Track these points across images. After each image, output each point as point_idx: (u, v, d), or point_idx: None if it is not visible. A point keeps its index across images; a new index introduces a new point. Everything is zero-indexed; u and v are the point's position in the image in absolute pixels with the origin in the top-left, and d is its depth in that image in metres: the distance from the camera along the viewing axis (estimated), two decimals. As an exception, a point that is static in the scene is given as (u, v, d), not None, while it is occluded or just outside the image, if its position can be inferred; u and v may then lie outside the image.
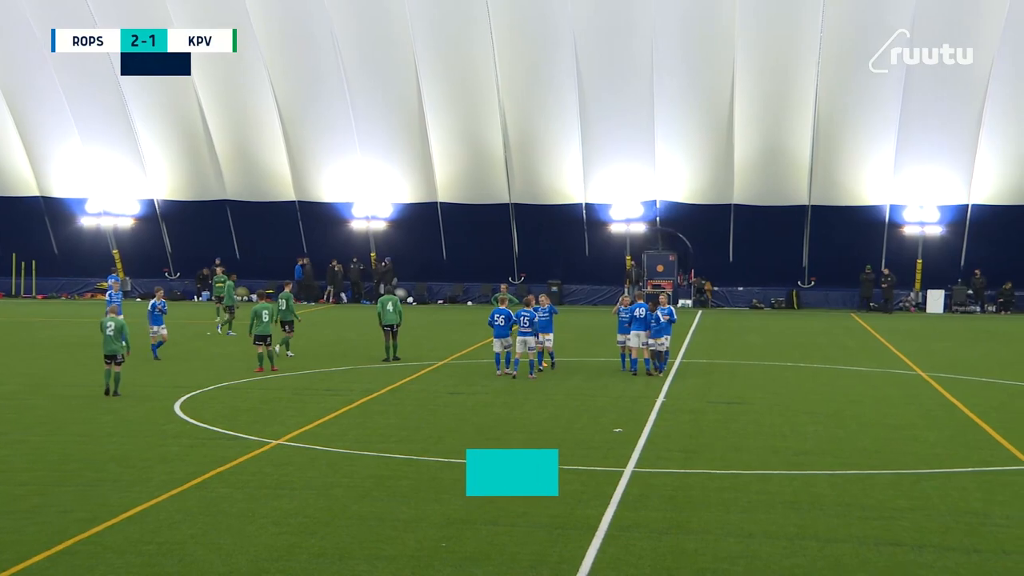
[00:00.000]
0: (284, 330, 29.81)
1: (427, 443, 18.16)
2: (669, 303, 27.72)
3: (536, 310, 26.53)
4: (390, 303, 29.20)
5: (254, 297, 50.06)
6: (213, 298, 36.45)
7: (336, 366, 28.06)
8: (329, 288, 50.87)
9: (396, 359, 28.86)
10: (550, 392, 23.92)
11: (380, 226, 51.12)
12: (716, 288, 49.85)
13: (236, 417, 20.57)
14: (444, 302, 50.93)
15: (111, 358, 23.05)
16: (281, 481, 15.50)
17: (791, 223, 47.92)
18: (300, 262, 50.80)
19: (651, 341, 26.55)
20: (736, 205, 48.00)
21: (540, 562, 12.11)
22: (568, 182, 48.64)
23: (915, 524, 13.57)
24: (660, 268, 50.11)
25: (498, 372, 26.25)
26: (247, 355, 28.32)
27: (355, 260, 50.89)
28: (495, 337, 26.35)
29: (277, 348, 28.72)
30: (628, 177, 48.12)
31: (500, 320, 26.22)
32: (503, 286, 35.49)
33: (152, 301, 29.97)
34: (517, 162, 48.58)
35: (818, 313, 47.29)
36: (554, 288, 49.07)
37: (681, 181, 48.11)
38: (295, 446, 17.90)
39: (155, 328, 29.41)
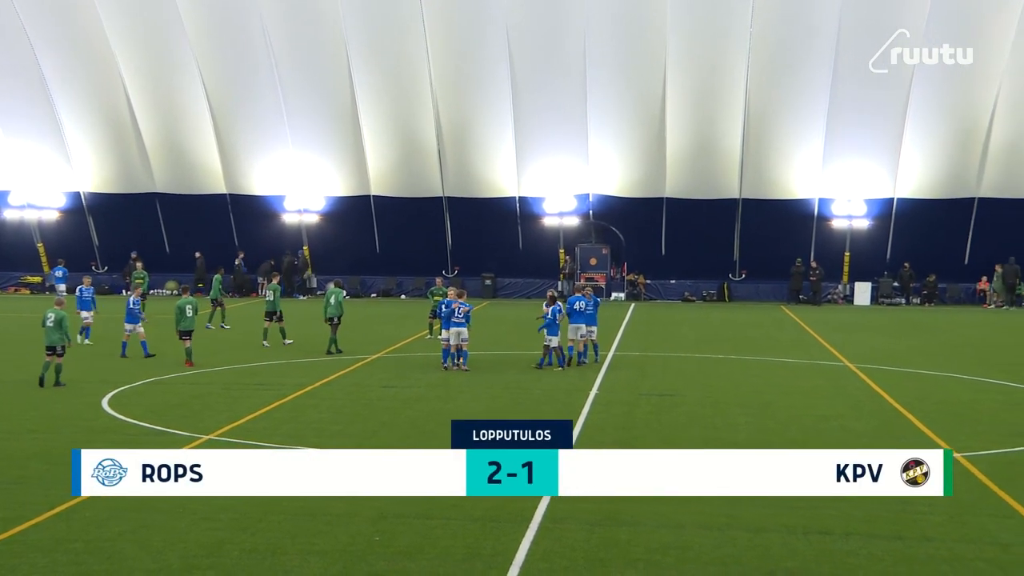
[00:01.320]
0: (268, 320, 30.70)
1: (360, 437, 18.07)
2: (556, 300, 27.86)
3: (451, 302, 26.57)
4: (332, 296, 29.40)
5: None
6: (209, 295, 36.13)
7: (268, 360, 27.81)
8: (261, 281, 50.38)
9: (338, 352, 28.84)
10: (484, 385, 23.93)
11: (312, 219, 50.75)
12: (649, 281, 50.18)
13: (165, 412, 20.31)
14: (377, 296, 50.72)
15: (51, 349, 22.90)
16: (212, 477, 15.33)
17: (722, 217, 48.38)
18: (240, 256, 50.30)
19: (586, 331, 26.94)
20: (668, 199, 48.35)
21: (474, 555, 12.12)
22: (501, 175, 48.66)
23: (842, 513, 13.78)
24: (593, 261, 50.34)
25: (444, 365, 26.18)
26: (177, 350, 27.98)
27: (288, 254, 50.49)
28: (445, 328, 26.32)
29: (268, 341, 29.67)
30: (561, 170, 48.25)
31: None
32: (438, 279, 35.42)
33: (79, 287, 30.62)
34: (450, 155, 48.47)
35: (749, 306, 47.81)
36: (488, 281, 49.11)
37: (614, 175, 48.35)
38: (226, 441, 17.72)
39: (85, 313, 30.14)
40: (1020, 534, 13.17)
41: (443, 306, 26.46)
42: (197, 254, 49.77)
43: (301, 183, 49.75)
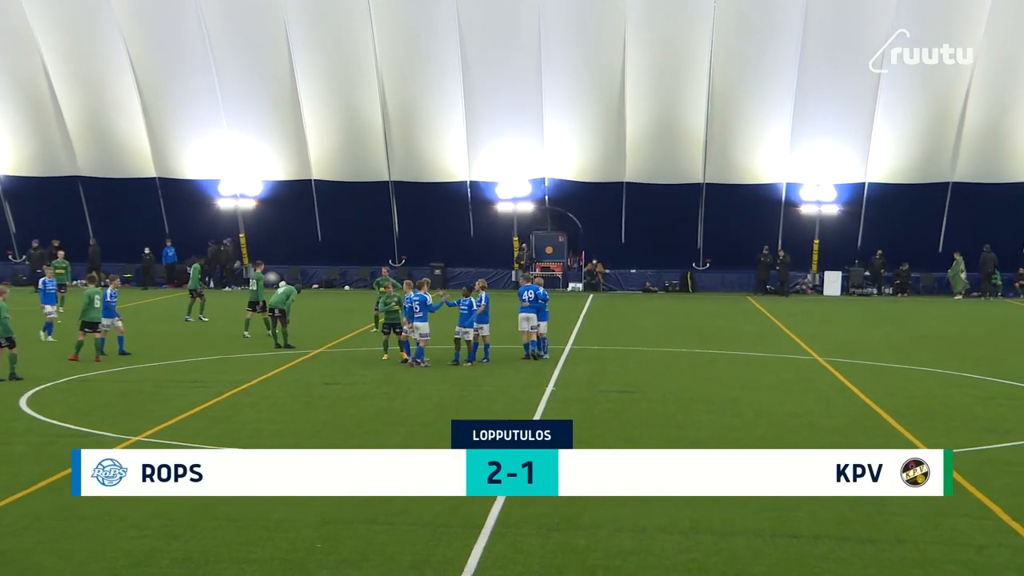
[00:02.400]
0: (251, 310, 31.26)
1: (301, 438, 17.98)
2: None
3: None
4: (282, 284, 29.92)
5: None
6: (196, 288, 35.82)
7: (202, 356, 27.61)
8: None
9: (288, 346, 28.73)
10: (433, 381, 23.89)
11: (249, 205, 50.42)
12: (608, 271, 50.32)
13: (90, 412, 20.10)
14: (319, 286, 50.49)
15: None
16: (141, 481, 15.18)
17: (685, 202, 48.59)
18: (167, 244, 49.87)
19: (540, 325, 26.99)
20: (628, 183, 48.49)
21: (422, 562, 12.09)
22: (451, 159, 48.57)
23: (811, 515, 13.89)
24: (549, 250, 50.41)
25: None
26: (108, 345, 27.62)
27: (225, 242, 50.10)
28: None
29: (248, 332, 30.15)
30: (515, 154, 48.23)
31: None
32: (384, 269, 35.26)
33: (42, 279, 30.43)
34: (397, 137, 48.31)
35: (714, 296, 48.08)
36: (437, 271, 49.03)
37: (571, 158, 48.41)
38: (156, 443, 17.56)
39: (48, 308, 30.06)
40: (996, 535, 13.34)
41: (407, 301, 26.31)
42: (91, 241, 49.26)
43: (237, 166, 49.38)
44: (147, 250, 49.17)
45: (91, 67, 47.62)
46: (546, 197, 49.63)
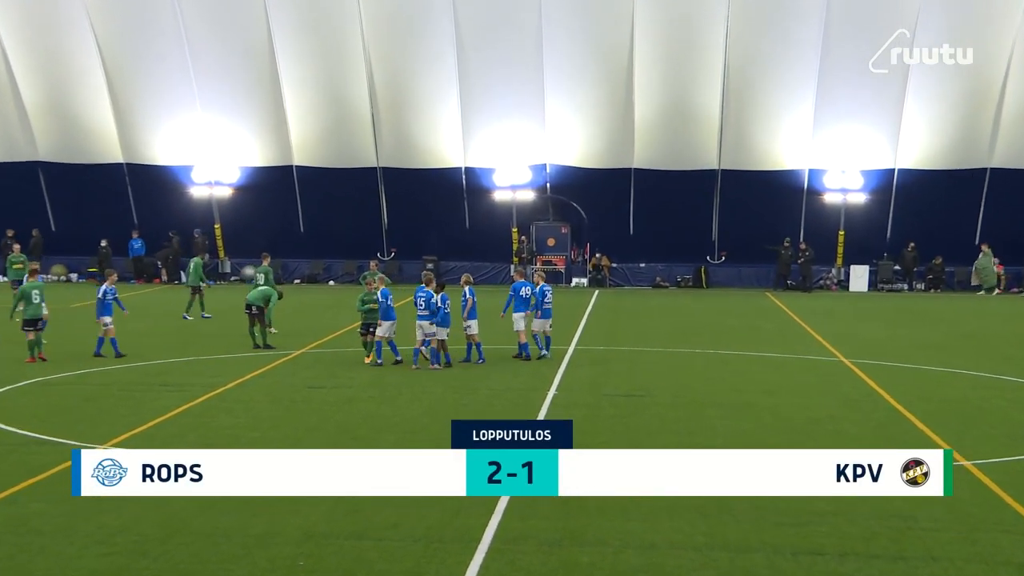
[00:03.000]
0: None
1: (282, 445, 17.96)
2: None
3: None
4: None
5: (75, 276, 48.82)
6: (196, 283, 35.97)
7: (175, 357, 27.60)
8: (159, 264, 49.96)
9: (268, 347, 28.77)
10: (426, 385, 23.88)
11: (225, 193, 50.42)
12: (615, 264, 50.32)
13: (53, 418, 20.09)
14: (301, 281, 50.49)
15: None
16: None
17: (699, 190, 48.58)
18: (134, 235, 49.86)
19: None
20: (636, 169, 48.46)
21: (413, 581, 12.10)
22: (445, 143, 48.55)
23: (836, 530, 13.88)
24: (551, 242, 50.41)
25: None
26: (72, 342, 27.64)
27: (197, 233, 50.09)
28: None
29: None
30: (514, 138, 48.22)
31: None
32: (372, 263, 35.30)
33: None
34: (386, 120, 48.28)
35: (729, 292, 48.06)
36: (430, 265, 49.01)
37: (574, 142, 48.39)
38: (124, 451, 17.52)
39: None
40: (1036, 551, 13.34)
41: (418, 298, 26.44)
42: (34, 231, 49.26)
43: (211, 151, 49.36)
44: (104, 242, 49.09)
45: (52, 43, 47.57)
46: (547, 185, 49.61)
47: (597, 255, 50.13)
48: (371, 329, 26.95)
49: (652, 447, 17.95)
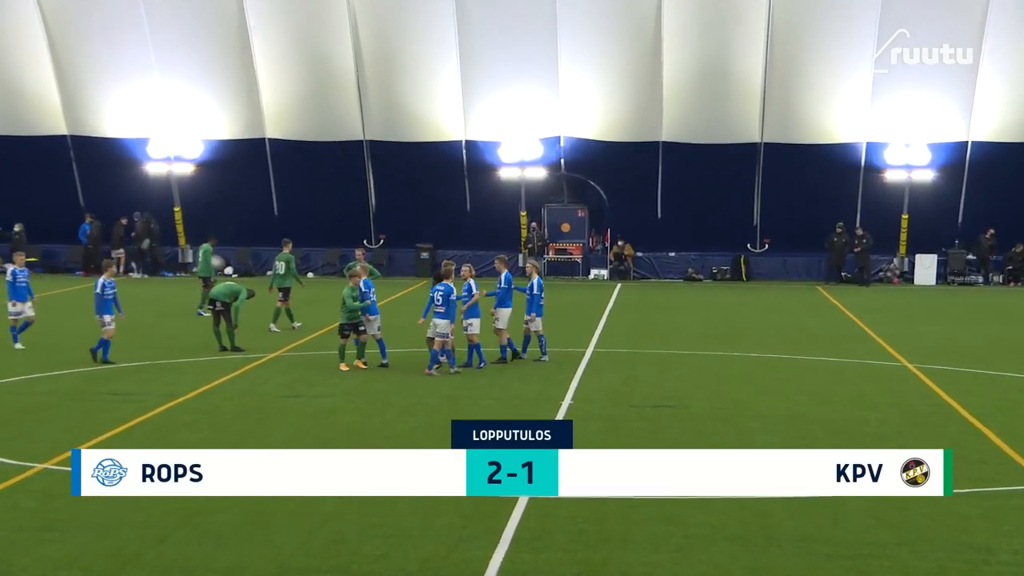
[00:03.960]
0: (285, 299, 33.15)
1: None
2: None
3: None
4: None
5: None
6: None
7: (127, 361, 27.57)
8: (119, 255, 49.94)
9: (236, 349, 28.77)
10: (420, 393, 23.81)
11: (186, 170, 50.37)
12: (640, 253, 50.24)
13: (-14, 433, 20.09)
14: (221, 272, 50.35)
15: None
16: (49, 520, 15.18)
17: (738, 167, 48.47)
18: (87, 220, 49.84)
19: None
20: (665, 143, 48.36)
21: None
22: (443, 113, 48.48)
23: (900, 564, 13.81)
24: (566, 227, 50.32)
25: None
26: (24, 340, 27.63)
27: (138, 216, 49.95)
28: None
29: (277, 325, 31.51)
30: (523, 107, 48.14)
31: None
32: (358, 252, 35.20)
33: (11, 269, 29.97)
34: (374, 86, 48.23)
35: (774, 286, 47.97)
36: (424, 255, 48.95)
37: (593, 112, 48.30)
38: (67, 471, 17.49)
39: (18, 306, 29.56)
40: None
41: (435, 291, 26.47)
42: (90, 218, 49.63)
43: (170, 122, 49.31)
44: (18, 227, 48.91)
45: (-14, -3, 47.67)
46: (562, 161, 49.53)
47: (619, 243, 50.04)
48: (358, 328, 26.88)
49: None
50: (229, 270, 49.74)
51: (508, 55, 47.39)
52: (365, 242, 49.41)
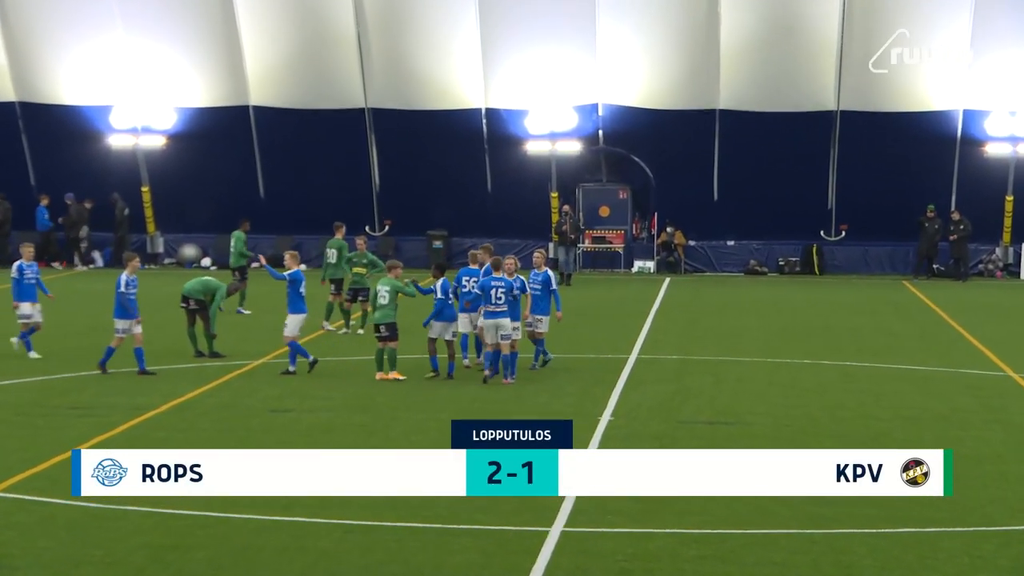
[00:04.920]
0: (336, 293, 34.04)
1: (233, 492, 17.96)
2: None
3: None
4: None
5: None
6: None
7: (87, 369, 27.65)
8: (76, 242, 50.09)
9: (215, 355, 28.96)
10: (431, 406, 23.81)
11: (156, 143, 50.44)
12: (692, 242, 50.17)
13: (-79, 453, 20.17)
14: (262, 265, 50.39)
15: None
16: (-6, 555, 15.21)
17: (810, 140, 48.37)
18: (43, 202, 49.98)
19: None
20: (723, 111, 48.29)
21: None
22: (459, 76, 48.49)
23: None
24: (605, 211, 50.26)
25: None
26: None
27: (115, 197, 50.09)
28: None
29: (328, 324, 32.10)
30: (554, 69, 48.10)
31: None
32: (359, 240, 35.20)
33: (17, 263, 29.88)
34: (378, 46, 48.25)
35: (852, 281, 47.90)
36: (437, 243, 48.96)
37: (636, 75, 48.25)
38: (16, 498, 17.58)
39: (25, 307, 29.24)
40: None
41: (464, 281, 26.74)
42: (45, 200, 49.86)
43: (138, 88, 49.40)
44: None
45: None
46: (600, 133, 49.50)
47: (668, 229, 49.98)
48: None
49: (747, 495, 17.92)
50: (206, 262, 49.86)
51: (537, 8, 47.42)
52: (367, 229, 49.39)
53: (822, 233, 50.09)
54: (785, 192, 49.13)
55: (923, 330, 35.31)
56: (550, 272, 27.96)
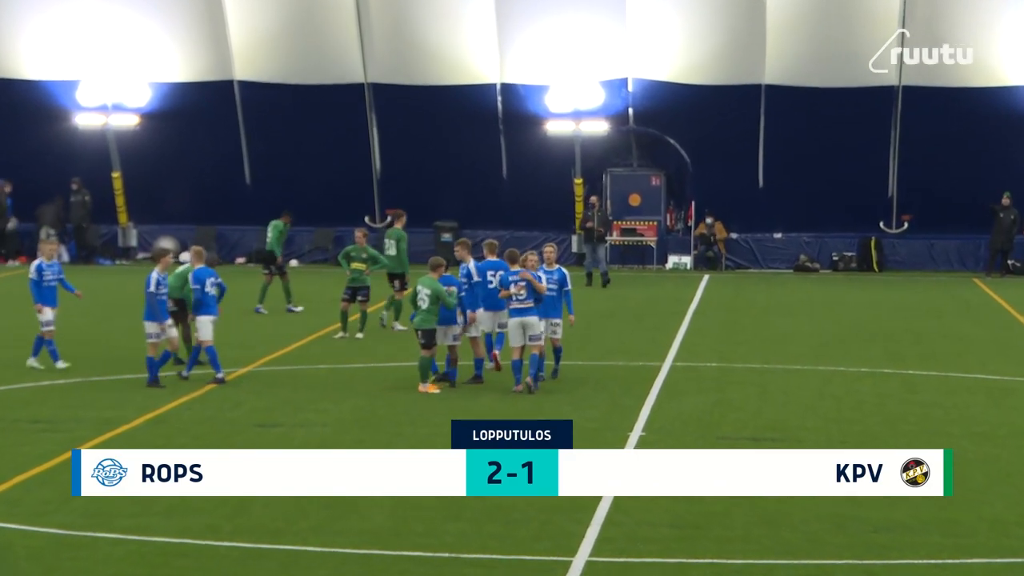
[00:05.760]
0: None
1: (215, 517, 17.94)
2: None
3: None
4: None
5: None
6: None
7: (51, 378, 27.69)
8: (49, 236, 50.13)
9: (197, 362, 28.90)
10: (436, 421, 23.79)
11: (128, 123, 50.49)
12: (735, 235, 50.16)
13: None
14: (249, 261, 50.51)
15: None
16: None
17: (868, 119, 48.34)
18: (5, 188, 50.18)
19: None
20: (770, 87, 48.30)
21: None
22: (471, 47, 48.55)
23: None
24: (636, 200, 50.23)
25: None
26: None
27: (76, 183, 50.14)
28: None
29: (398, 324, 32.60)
30: (578, 39, 48.15)
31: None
32: (359, 232, 35.23)
33: (36, 263, 29.40)
34: (379, 13, 48.33)
35: (916, 278, 47.88)
36: (445, 236, 48.94)
37: (671, 47, 48.30)
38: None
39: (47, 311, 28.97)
40: None
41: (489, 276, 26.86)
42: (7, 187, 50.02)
43: (108, 61, 49.47)
44: None
45: None
46: (630, 111, 49.52)
47: (707, 220, 49.97)
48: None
49: (797, 522, 17.89)
50: (185, 257, 49.82)
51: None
52: (367, 219, 49.49)
53: (882, 224, 50.08)
54: (840, 178, 49.09)
55: (996, 334, 35.26)
56: (565, 270, 27.77)
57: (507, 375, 26.85)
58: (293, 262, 50.45)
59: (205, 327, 27.11)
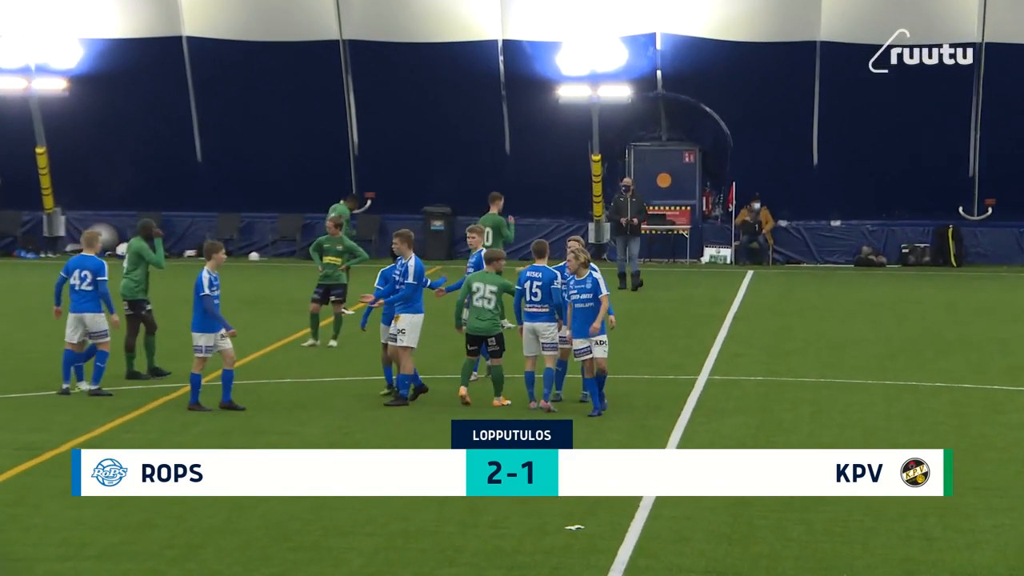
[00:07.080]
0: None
1: (157, 564, 18.00)
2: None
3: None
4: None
5: None
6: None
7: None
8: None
9: (156, 373, 29.55)
10: (431, 444, 23.85)
11: (55, 87, 50.62)
12: (784, 223, 50.24)
13: None
14: (198, 253, 50.67)
15: None
16: None
17: (944, 84, 48.47)
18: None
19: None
20: (826, 44, 48.41)
21: None
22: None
23: None
24: (665, 180, 50.31)
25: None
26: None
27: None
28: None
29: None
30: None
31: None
32: (330, 221, 35.29)
33: (76, 265, 28.77)
34: (356, -47, 48.53)
35: (1001, 274, 48.06)
36: (437, 223, 49.05)
37: (708, -3, 48.53)
38: None
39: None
40: None
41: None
42: None
43: (30, 14, 49.59)
44: None
45: None
46: (658, 73, 49.66)
47: (753, 206, 50.03)
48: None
49: (860, 563, 17.99)
50: (122, 249, 49.97)
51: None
52: (342, 202, 49.52)
53: (961, 210, 50.22)
54: (910, 156, 49.30)
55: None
56: (598, 275, 27.20)
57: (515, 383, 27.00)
58: (253, 255, 50.65)
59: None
